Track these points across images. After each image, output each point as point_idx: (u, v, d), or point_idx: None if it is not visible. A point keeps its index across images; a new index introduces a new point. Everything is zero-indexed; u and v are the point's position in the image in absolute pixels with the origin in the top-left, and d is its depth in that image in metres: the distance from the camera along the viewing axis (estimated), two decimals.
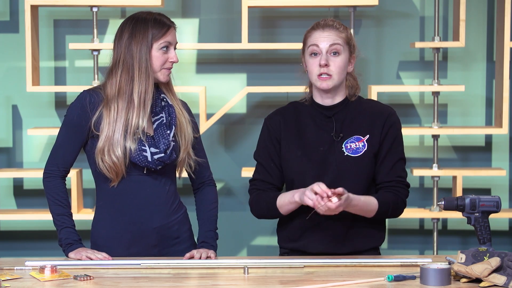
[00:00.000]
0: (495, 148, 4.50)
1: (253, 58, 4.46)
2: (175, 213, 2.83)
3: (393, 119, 2.81)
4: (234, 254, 4.46)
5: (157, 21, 2.75)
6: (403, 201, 2.79)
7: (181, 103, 2.87)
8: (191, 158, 2.82)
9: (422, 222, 4.52)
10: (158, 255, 2.77)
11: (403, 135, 2.87)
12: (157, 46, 2.73)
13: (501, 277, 2.27)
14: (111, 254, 2.71)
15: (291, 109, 2.89)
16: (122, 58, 2.74)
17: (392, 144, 2.79)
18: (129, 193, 2.76)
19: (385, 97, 4.36)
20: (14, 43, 4.41)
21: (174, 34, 2.78)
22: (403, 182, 2.79)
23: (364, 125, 2.79)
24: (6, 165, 4.46)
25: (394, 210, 2.76)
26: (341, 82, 2.80)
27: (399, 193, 2.78)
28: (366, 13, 4.43)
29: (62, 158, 2.77)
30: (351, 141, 2.77)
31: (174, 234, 2.82)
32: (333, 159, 2.75)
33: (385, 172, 2.78)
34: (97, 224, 2.82)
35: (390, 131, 2.79)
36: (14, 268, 2.53)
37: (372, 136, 2.77)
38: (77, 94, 2.80)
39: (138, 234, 2.77)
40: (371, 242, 2.80)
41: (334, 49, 2.75)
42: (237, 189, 4.47)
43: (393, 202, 2.75)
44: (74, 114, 2.75)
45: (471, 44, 4.42)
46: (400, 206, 2.78)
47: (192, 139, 2.83)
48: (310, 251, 2.78)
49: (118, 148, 2.68)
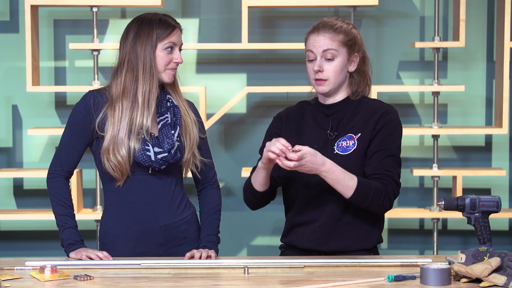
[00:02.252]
0: (495, 148, 4.50)
1: (253, 58, 4.46)
2: (182, 213, 2.83)
3: (388, 117, 2.76)
4: (234, 254, 4.46)
5: (162, 22, 2.75)
6: (388, 195, 2.69)
7: (188, 103, 2.88)
8: (196, 159, 2.83)
9: (422, 222, 4.52)
10: (165, 254, 2.78)
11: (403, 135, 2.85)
12: (161, 46, 2.74)
13: (501, 277, 2.27)
14: (118, 252, 2.73)
15: (297, 108, 2.91)
16: (127, 58, 2.75)
17: (383, 141, 2.73)
18: (135, 193, 2.76)
19: (385, 97, 4.36)
20: (14, 43, 4.42)
21: (179, 35, 2.78)
22: (391, 177, 2.71)
23: (358, 124, 2.77)
24: (6, 165, 4.46)
25: (375, 199, 2.66)
26: (340, 84, 2.79)
27: (386, 186, 2.69)
28: (366, 13, 4.43)
29: (66, 158, 2.78)
30: (343, 140, 2.76)
31: (182, 234, 2.82)
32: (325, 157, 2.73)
33: (373, 166, 2.71)
34: (105, 222, 2.83)
35: (383, 128, 2.74)
36: (14, 268, 2.53)
37: (363, 134, 2.75)
38: (77, 94, 2.81)
39: (144, 232, 2.77)
40: (360, 243, 2.76)
41: (327, 54, 2.75)
42: (237, 189, 4.47)
43: (376, 189, 2.66)
44: (78, 114, 2.76)
45: (471, 44, 4.42)
46: (383, 199, 2.67)
47: (197, 140, 2.83)
48: (298, 246, 2.80)
49: (123, 148, 2.69)
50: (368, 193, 2.66)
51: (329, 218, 2.74)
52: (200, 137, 2.86)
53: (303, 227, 2.79)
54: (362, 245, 2.77)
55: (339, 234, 2.75)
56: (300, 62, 4.35)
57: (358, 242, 2.77)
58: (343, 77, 2.79)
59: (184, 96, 2.89)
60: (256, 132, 4.43)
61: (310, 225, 2.77)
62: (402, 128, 2.83)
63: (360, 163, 2.74)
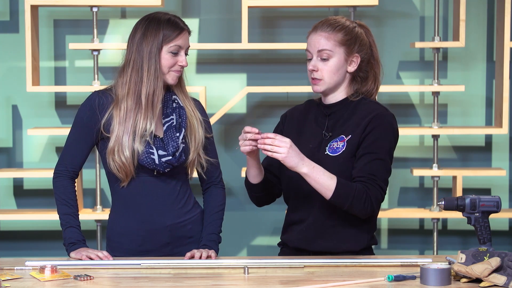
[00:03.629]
0: (495, 148, 4.50)
1: (253, 58, 4.46)
2: (189, 213, 2.83)
3: (379, 120, 2.70)
4: (234, 254, 4.46)
5: (170, 23, 2.72)
6: (370, 199, 2.62)
7: (194, 102, 2.86)
8: (202, 158, 2.82)
9: (422, 222, 4.52)
10: (171, 253, 2.78)
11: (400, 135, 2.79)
12: (167, 48, 2.71)
13: (501, 277, 2.27)
14: (124, 250, 2.74)
15: (302, 106, 2.91)
16: (133, 58, 2.73)
17: (372, 144, 2.67)
18: (140, 194, 2.77)
19: (385, 97, 4.37)
20: (14, 43, 4.42)
21: (186, 37, 2.75)
22: (375, 181, 2.65)
23: (350, 126, 2.74)
24: (6, 165, 4.46)
25: (355, 201, 2.60)
26: (336, 84, 2.76)
27: (368, 189, 2.63)
28: (366, 13, 4.43)
29: (70, 158, 2.78)
30: (335, 141, 2.74)
31: (188, 234, 2.82)
32: (317, 157, 2.72)
33: (359, 168, 2.66)
34: (112, 221, 2.84)
35: (374, 131, 2.68)
36: (14, 268, 2.53)
37: (353, 136, 2.71)
38: (77, 94, 2.81)
39: (150, 232, 2.78)
40: (346, 245, 2.73)
41: (322, 54, 2.73)
42: (237, 189, 4.47)
43: (357, 192, 2.61)
44: (83, 115, 2.76)
45: (471, 44, 4.42)
46: (364, 202, 2.61)
47: (203, 140, 2.81)
48: (289, 244, 2.81)
49: (127, 149, 2.69)
50: (348, 194, 2.61)
51: (317, 218, 2.73)
52: (206, 137, 2.85)
53: (295, 225, 2.80)
54: (349, 247, 2.74)
55: (326, 235, 2.73)
56: (300, 62, 4.36)
57: (345, 244, 2.73)
58: (339, 77, 2.76)
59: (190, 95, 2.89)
60: None
61: (299, 224, 2.77)
62: (396, 132, 2.74)
63: (348, 166, 2.69)
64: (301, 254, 2.75)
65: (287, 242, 2.83)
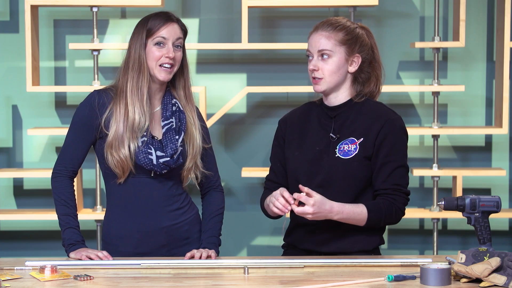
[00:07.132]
0: (495, 148, 4.50)
1: (253, 58, 4.46)
2: (185, 214, 2.83)
3: (391, 126, 2.73)
4: (234, 254, 4.46)
5: (157, 16, 2.75)
6: (399, 209, 2.73)
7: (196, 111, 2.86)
8: (198, 170, 2.82)
9: (422, 222, 4.52)
10: (167, 255, 2.78)
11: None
12: (151, 41, 2.73)
13: (501, 277, 2.27)
14: (120, 253, 2.73)
15: (303, 109, 2.90)
16: (127, 56, 2.77)
17: (390, 151, 2.71)
18: (136, 195, 2.77)
19: (385, 97, 4.36)
20: (14, 43, 4.42)
21: (173, 29, 2.75)
22: (400, 190, 2.73)
23: (361, 128, 2.74)
24: (6, 165, 4.46)
25: (388, 218, 2.71)
26: (337, 83, 2.77)
27: (395, 200, 2.71)
28: (366, 13, 4.43)
29: (70, 158, 2.78)
30: (345, 143, 2.75)
31: (184, 235, 2.82)
32: (326, 160, 2.73)
33: (382, 180, 2.72)
34: (107, 222, 2.84)
35: (388, 138, 2.72)
36: (14, 268, 2.53)
37: (366, 140, 2.72)
38: (77, 94, 2.81)
39: (146, 233, 2.78)
40: (360, 245, 2.76)
41: (322, 54, 2.73)
42: (237, 189, 4.47)
43: (386, 210, 2.70)
44: (82, 114, 2.76)
45: (471, 44, 4.42)
46: (395, 214, 2.72)
47: (200, 149, 2.82)
48: (298, 246, 2.81)
49: (124, 145, 2.69)
50: (380, 217, 2.70)
51: (329, 220, 2.73)
52: (204, 148, 2.84)
53: (304, 227, 2.79)
54: (362, 246, 2.77)
55: (339, 236, 2.75)
56: (300, 62, 4.36)
57: (358, 244, 2.76)
58: (340, 76, 2.76)
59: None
60: (256, 132, 4.43)
61: (310, 226, 2.77)
62: (407, 134, 2.79)
63: (361, 168, 2.72)
64: (312, 255, 2.75)
65: (296, 243, 2.82)
